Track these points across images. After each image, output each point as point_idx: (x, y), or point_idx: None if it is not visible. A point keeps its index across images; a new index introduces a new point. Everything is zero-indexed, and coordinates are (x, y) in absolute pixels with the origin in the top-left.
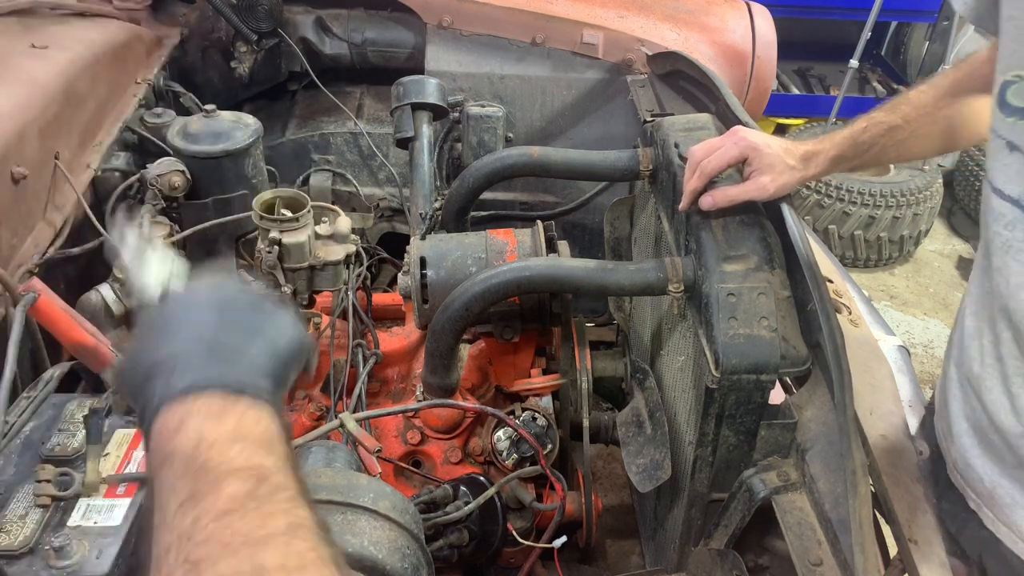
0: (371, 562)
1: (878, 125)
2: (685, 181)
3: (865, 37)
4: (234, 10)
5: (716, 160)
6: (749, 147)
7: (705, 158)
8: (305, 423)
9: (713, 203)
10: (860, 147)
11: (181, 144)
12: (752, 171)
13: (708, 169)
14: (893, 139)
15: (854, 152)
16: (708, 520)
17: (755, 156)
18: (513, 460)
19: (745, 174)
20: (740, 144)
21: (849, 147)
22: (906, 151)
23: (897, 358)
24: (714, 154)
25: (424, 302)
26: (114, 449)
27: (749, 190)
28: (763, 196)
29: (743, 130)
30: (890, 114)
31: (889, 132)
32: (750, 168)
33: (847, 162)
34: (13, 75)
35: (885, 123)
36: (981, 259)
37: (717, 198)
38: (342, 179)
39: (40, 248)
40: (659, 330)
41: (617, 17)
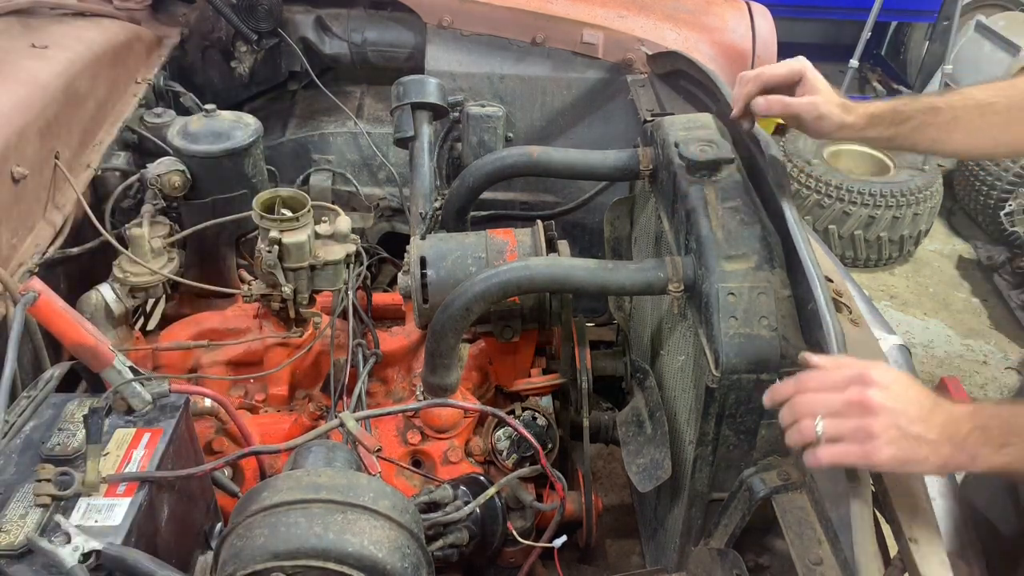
0: (371, 562)
1: (922, 102)
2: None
3: (865, 37)
4: (234, 10)
5: (774, 68)
6: (807, 67)
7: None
8: (305, 423)
9: (767, 107)
10: (899, 115)
11: (181, 144)
12: (804, 90)
13: (765, 75)
14: (935, 119)
15: (893, 117)
16: (708, 520)
17: (811, 75)
18: (513, 460)
19: (797, 92)
20: (800, 61)
21: (889, 111)
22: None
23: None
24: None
25: (424, 302)
26: (114, 449)
27: (803, 103)
28: (812, 113)
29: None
30: (938, 98)
31: (932, 111)
32: (803, 88)
33: (884, 126)
34: (13, 75)
35: (930, 103)
36: None
37: (772, 103)
38: (342, 179)
39: (40, 248)
40: (659, 330)
41: (617, 17)
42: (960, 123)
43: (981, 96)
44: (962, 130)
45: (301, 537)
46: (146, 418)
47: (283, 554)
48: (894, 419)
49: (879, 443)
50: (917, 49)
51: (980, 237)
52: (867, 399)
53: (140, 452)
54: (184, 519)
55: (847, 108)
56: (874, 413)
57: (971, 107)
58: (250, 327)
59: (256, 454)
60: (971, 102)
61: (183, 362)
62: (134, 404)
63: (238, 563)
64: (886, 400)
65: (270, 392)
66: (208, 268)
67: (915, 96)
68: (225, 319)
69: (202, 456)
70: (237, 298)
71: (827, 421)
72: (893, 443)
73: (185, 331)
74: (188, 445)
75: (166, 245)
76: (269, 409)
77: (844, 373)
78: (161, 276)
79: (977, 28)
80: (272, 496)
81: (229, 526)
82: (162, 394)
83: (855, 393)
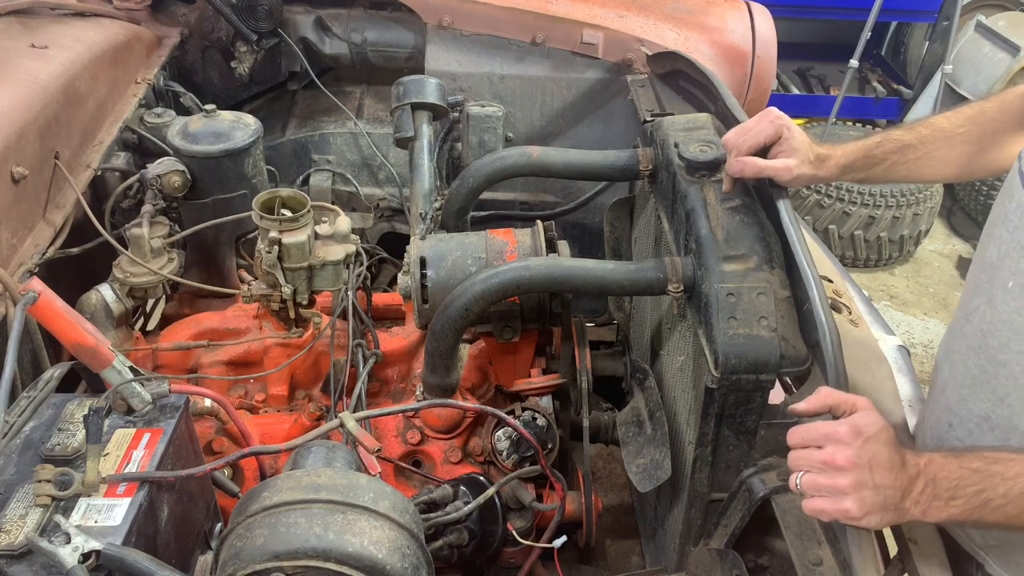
0: (371, 562)
1: (893, 141)
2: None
3: (865, 37)
4: (234, 10)
5: (751, 139)
6: (784, 126)
7: (739, 139)
8: (305, 423)
9: (741, 169)
10: (871, 160)
11: (181, 144)
12: (781, 151)
13: (744, 149)
14: (905, 157)
15: (865, 163)
16: (708, 520)
17: (788, 136)
18: (513, 460)
19: (772, 153)
20: (776, 123)
21: (861, 157)
22: (917, 171)
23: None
24: (749, 134)
25: (424, 302)
26: (114, 449)
27: (776, 167)
28: (785, 178)
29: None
30: (907, 133)
31: (902, 150)
32: (779, 148)
33: (856, 172)
34: (13, 75)
35: (900, 140)
36: None
37: (746, 165)
38: (342, 179)
39: (40, 248)
40: (659, 330)
41: (617, 17)
42: (931, 157)
43: (950, 128)
44: (933, 163)
45: (301, 537)
46: (146, 418)
47: (283, 554)
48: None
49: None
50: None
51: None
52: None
53: (140, 452)
54: (184, 519)
55: (820, 161)
56: (844, 472)
57: (941, 140)
58: (250, 327)
59: (256, 454)
60: (940, 135)
61: (183, 362)
62: (134, 404)
63: (238, 563)
64: (857, 459)
65: (270, 392)
66: (208, 268)
67: (887, 133)
68: (225, 319)
69: (202, 456)
70: (237, 298)
71: (805, 478)
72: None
73: (185, 331)
74: (188, 445)
75: (166, 245)
76: (269, 409)
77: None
78: (161, 276)
79: (977, 28)
80: (272, 496)
81: (229, 526)
82: (162, 394)
83: (828, 454)
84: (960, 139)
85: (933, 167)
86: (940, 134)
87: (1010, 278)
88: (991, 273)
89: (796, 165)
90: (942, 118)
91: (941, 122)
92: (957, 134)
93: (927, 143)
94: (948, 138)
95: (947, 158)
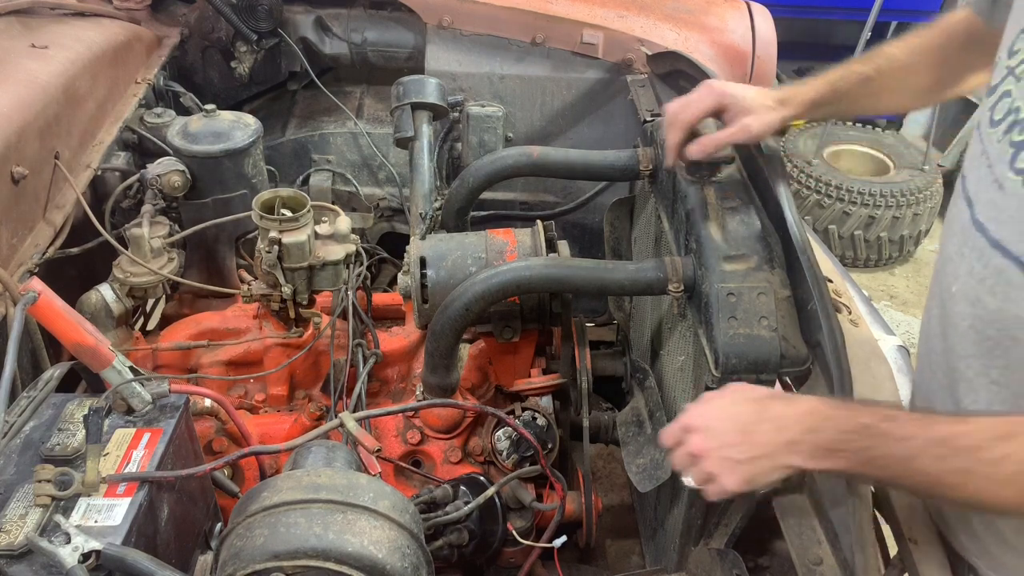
0: (371, 562)
1: (854, 74)
2: (667, 138)
3: (865, 37)
4: (234, 10)
5: (692, 110)
6: (723, 94)
7: (680, 112)
8: (305, 423)
9: (701, 150)
10: (837, 94)
11: (181, 144)
12: (732, 116)
13: (684, 119)
14: (867, 89)
15: (831, 98)
16: (708, 520)
17: (731, 102)
18: (513, 460)
19: (726, 120)
20: (714, 91)
21: (827, 92)
22: (879, 103)
23: (897, 358)
24: (690, 105)
25: (424, 302)
26: (114, 449)
27: (734, 132)
28: (748, 136)
29: (714, 80)
30: (865, 65)
31: (864, 82)
32: (729, 114)
33: (823, 107)
34: (13, 75)
35: (861, 73)
36: None
37: (705, 144)
38: (342, 179)
39: (40, 248)
40: (659, 330)
41: (617, 17)
42: (890, 89)
43: (904, 58)
44: (893, 94)
45: (301, 537)
46: (146, 418)
47: (283, 554)
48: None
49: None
50: None
51: None
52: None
53: (140, 452)
54: (184, 519)
55: (784, 102)
56: (701, 457)
57: (897, 71)
58: (250, 327)
59: (256, 454)
60: (897, 65)
61: (183, 362)
62: (134, 404)
63: (238, 563)
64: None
65: (270, 392)
66: (208, 268)
67: (847, 66)
68: (225, 319)
69: (202, 456)
70: (237, 298)
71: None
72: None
73: (185, 331)
74: (188, 445)
75: (166, 245)
76: (269, 409)
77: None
78: (161, 276)
79: None
80: (272, 496)
81: (229, 526)
82: (162, 394)
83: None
84: (914, 69)
85: (894, 99)
86: (896, 64)
87: (954, 283)
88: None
89: (752, 120)
90: (895, 48)
91: (896, 52)
92: (911, 64)
93: (885, 75)
94: (903, 68)
95: (905, 88)
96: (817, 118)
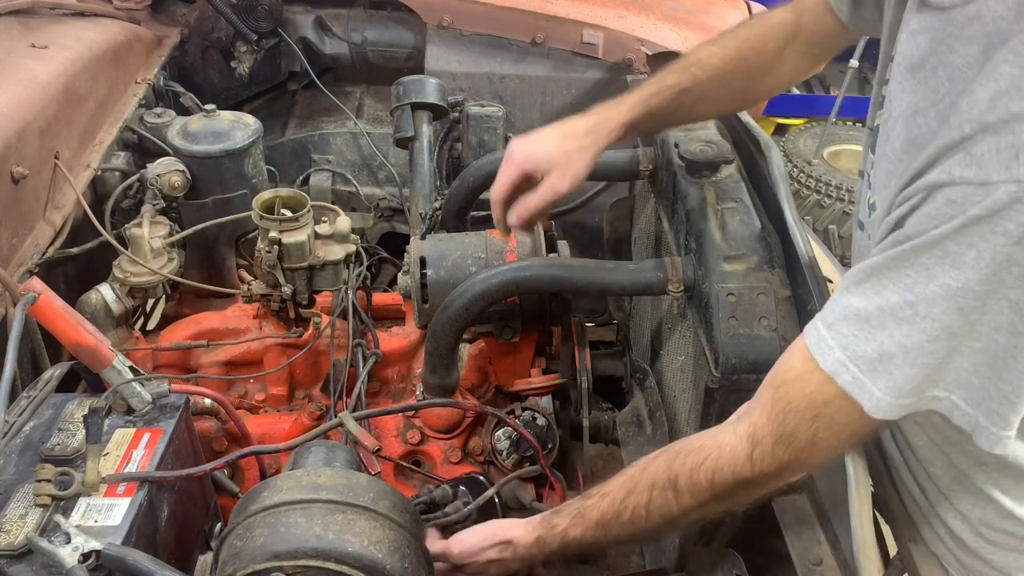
0: (371, 562)
1: (670, 88)
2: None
3: (865, 37)
4: (234, 10)
5: (498, 187)
6: (523, 160)
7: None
8: (305, 423)
9: (518, 220)
10: (653, 112)
11: (181, 144)
12: (541, 177)
13: (497, 198)
14: (683, 101)
15: (646, 117)
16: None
17: (534, 166)
18: (513, 460)
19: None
20: (514, 160)
21: (642, 111)
22: (698, 113)
23: None
24: (497, 184)
25: (424, 302)
26: (114, 449)
27: (543, 195)
28: (558, 194)
29: (515, 143)
30: (682, 76)
31: (680, 95)
32: (537, 177)
33: (641, 126)
34: (13, 75)
35: (677, 86)
36: None
37: (519, 213)
38: (342, 179)
39: (40, 248)
40: (659, 330)
41: (617, 17)
42: (708, 97)
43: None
44: (710, 102)
45: (301, 537)
46: (146, 418)
47: (283, 554)
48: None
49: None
50: None
51: None
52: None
53: (140, 452)
54: (184, 519)
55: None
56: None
57: (714, 78)
58: (250, 327)
59: (256, 454)
60: (713, 73)
61: (183, 362)
62: (134, 404)
63: (238, 563)
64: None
65: (270, 392)
66: (208, 268)
67: (661, 79)
68: (225, 319)
69: (202, 456)
70: (237, 298)
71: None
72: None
73: (185, 331)
74: (188, 445)
75: (166, 245)
76: (269, 409)
77: None
78: (161, 276)
79: None
80: (272, 496)
81: (229, 526)
82: (162, 394)
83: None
84: (731, 75)
85: (711, 106)
86: (713, 72)
87: None
88: None
89: (556, 179)
90: (711, 54)
91: (711, 59)
92: (728, 71)
93: (702, 84)
94: (720, 76)
95: (722, 95)
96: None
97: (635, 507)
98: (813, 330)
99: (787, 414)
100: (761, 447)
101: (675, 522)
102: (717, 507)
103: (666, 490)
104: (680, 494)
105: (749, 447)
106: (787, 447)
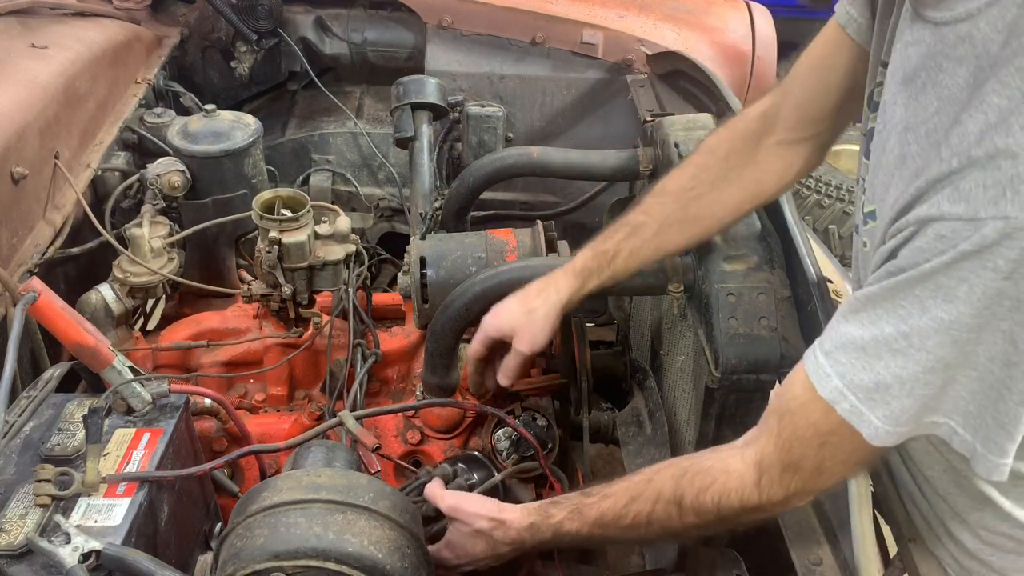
0: (371, 562)
1: (620, 229)
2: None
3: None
4: (234, 10)
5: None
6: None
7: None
8: (305, 422)
9: (507, 381)
10: (605, 256)
11: (181, 144)
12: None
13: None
14: (640, 236)
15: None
16: None
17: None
18: (513, 460)
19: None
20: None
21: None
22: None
23: None
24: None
25: (424, 302)
26: (114, 449)
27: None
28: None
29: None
30: (634, 214)
31: (633, 234)
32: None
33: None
34: (13, 75)
35: (628, 224)
36: None
37: (506, 375)
38: (342, 179)
39: (40, 248)
40: (659, 330)
41: (617, 17)
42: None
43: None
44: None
45: (301, 537)
46: (146, 418)
47: (283, 554)
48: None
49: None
50: None
51: None
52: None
53: (140, 452)
54: (184, 519)
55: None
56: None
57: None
58: (250, 327)
59: (256, 453)
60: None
61: (183, 362)
62: (134, 404)
63: (238, 563)
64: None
65: (270, 392)
66: (208, 268)
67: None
68: (225, 319)
69: (202, 456)
70: (237, 298)
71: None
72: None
73: (185, 331)
74: (188, 445)
75: (166, 245)
76: (269, 409)
77: None
78: (161, 276)
79: None
80: (272, 496)
81: (229, 526)
82: (162, 394)
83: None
84: (688, 197)
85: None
86: (669, 199)
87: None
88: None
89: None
90: (669, 179)
91: (669, 185)
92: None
93: (657, 216)
94: (676, 200)
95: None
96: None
97: (636, 514)
98: (812, 356)
99: (793, 443)
100: (769, 475)
101: (675, 535)
102: (720, 528)
103: (670, 505)
104: (684, 512)
105: (756, 475)
106: (795, 475)
